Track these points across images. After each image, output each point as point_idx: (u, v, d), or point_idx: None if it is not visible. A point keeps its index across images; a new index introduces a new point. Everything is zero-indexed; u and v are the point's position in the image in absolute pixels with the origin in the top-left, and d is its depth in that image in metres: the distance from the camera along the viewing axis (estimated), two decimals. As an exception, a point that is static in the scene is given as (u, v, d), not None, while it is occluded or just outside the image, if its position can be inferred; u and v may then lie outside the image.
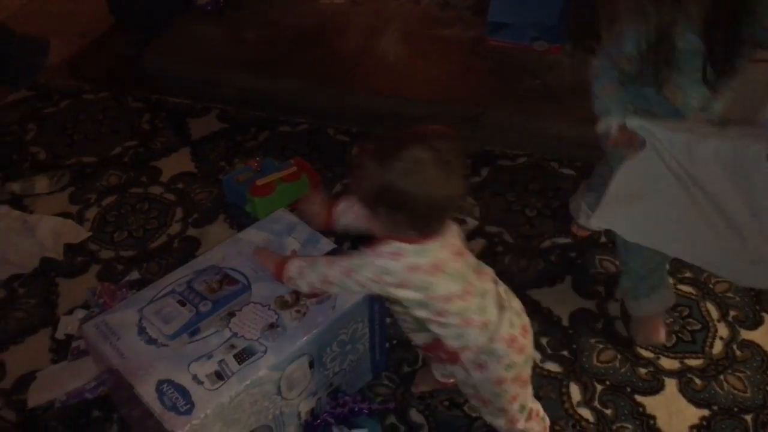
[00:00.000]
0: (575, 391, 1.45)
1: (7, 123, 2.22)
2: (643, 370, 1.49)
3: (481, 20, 2.29)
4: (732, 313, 1.59)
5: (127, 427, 1.40)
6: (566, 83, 2.11)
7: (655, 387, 1.46)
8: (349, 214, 1.23)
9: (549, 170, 1.98)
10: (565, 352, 1.52)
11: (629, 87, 1.31)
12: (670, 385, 1.46)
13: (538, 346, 1.53)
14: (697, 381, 1.47)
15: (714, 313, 1.60)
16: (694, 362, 1.50)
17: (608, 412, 1.42)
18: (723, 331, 1.56)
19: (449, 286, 1.06)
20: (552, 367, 1.49)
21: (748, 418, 1.41)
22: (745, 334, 1.55)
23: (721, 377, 1.47)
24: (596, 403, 1.43)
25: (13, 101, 2.29)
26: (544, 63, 2.18)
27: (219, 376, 1.17)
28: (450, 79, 2.18)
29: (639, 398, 1.44)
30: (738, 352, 1.52)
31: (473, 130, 2.06)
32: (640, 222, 1.31)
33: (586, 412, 1.42)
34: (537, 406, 1.26)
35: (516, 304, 1.16)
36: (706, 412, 1.41)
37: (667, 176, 1.25)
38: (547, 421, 1.30)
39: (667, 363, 1.50)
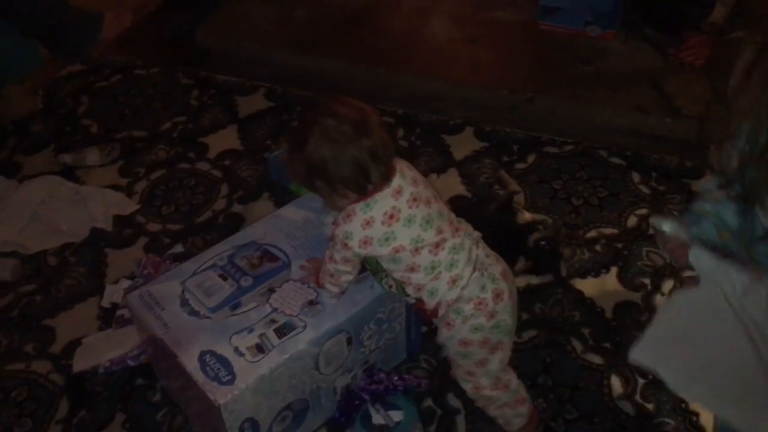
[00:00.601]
0: (616, 384, 1.42)
1: (61, 96, 2.27)
2: (687, 366, 1.45)
3: (533, 4, 2.24)
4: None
5: (170, 396, 1.44)
6: (618, 70, 2.05)
7: (699, 384, 1.42)
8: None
9: (597, 159, 1.93)
10: (608, 344, 1.49)
11: (740, 210, 1.03)
12: (716, 382, 1.42)
13: (579, 336, 1.50)
14: (744, 379, 1.42)
15: (765, 311, 1.55)
16: (741, 360, 1.46)
17: (650, 406, 1.39)
18: (774, 330, 1.51)
19: (410, 233, 1.09)
20: (593, 359, 1.47)
21: (796, 419, 1.36)
22: (798, 334, 1.50)
23: None
24: (637, 397, 1.40)
25: (66, 74, 2.35)
26: (596, 49, 2.12)
27: (260, 348, 1.19)
28: (499, 63, 2.15)
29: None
30: (788, 352, 1.47)
31: (521, 115, 2.02)
32: (688, 368, 1.06)
33: (626, 406, 1.39)
34: (510, 377, 1.23)
35: (496, 270, 1.15)
36: (752, 412, 1.37)
37: (732, 324, 1.00)
38: (522, 393, 1.25)
39: (714, 360, 1.46)
